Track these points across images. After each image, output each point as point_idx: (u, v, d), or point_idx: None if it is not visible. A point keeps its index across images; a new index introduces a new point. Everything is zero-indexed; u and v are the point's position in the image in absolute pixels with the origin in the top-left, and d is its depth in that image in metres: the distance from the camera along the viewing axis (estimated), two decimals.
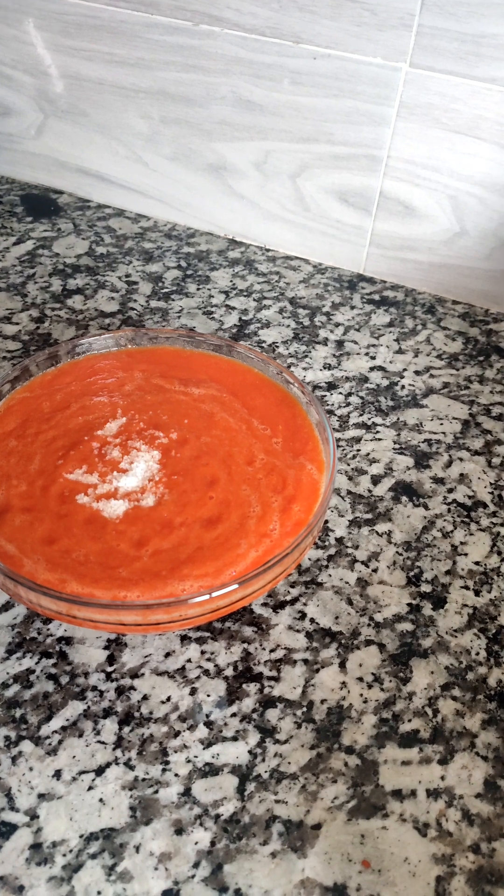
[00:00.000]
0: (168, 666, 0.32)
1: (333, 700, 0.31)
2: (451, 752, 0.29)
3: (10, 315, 0.51)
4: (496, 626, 0.34)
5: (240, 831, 0.27)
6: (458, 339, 0.53)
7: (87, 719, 0.30)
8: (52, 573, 0.30)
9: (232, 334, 0.51)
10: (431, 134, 0.50)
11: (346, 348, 0.51)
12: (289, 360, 0.49)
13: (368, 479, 0.41)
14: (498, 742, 0.30)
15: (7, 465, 0.34)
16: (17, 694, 0.30)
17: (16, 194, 0.66)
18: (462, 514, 0.40)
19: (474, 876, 0.26)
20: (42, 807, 0.27)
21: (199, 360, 0.41)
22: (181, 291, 0.55)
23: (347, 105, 0.51)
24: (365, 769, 0.29)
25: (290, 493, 0.34)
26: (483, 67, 0.46)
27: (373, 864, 0.26)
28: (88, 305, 0.53)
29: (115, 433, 0.36)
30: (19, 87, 0.62)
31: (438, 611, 0.35)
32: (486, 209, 0.52)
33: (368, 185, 0.54)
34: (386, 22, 0.47)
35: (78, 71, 0.59)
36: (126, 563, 0.30)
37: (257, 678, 0.31)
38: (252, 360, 0.41)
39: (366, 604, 0.35)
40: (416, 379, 0.49)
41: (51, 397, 0.38)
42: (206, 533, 0.32)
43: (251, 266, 0.59)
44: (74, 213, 0.64)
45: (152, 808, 0.27)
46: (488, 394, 0.48)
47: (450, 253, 0.55)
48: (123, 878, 0.25)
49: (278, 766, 0.29)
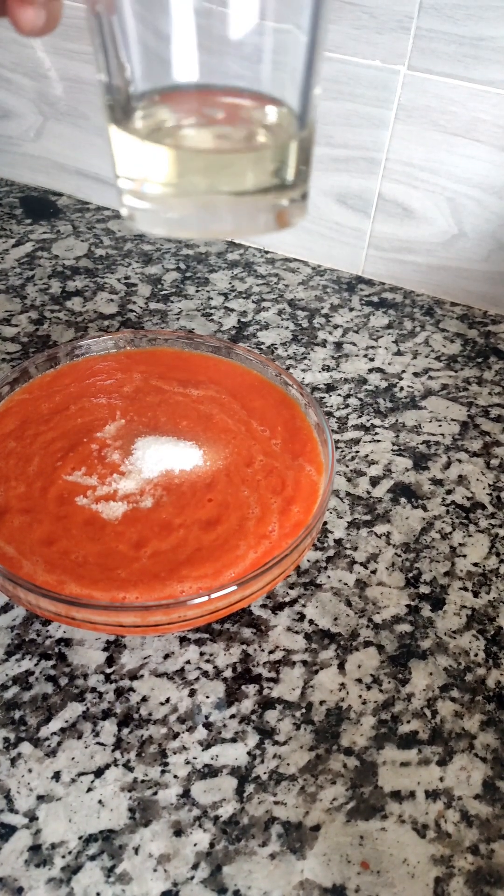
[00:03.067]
0: (167, 667, 0.32)
1: (332, 701, 0.31)
2: (449, 753, 0.29)
3: (10, 317, 0.51)
4: (495, 628, 0.34)
5: (239, 833, 0.27)
6: (457, 341, 0.53)
7: (86, 721, 0.30)
8: (50, 574, 0.30)
9: (231, 336, 0.51)
10: (429, 136, 0.50)
11: (345, 350, 0.51)
12: (287, 362, 0.49)
13: (367, 481, 0.41)
14: (497, 743, 0.30)
15: (6, 467, 0.34)
16: (17, 695, 0.30)
17: (15, 196, 0.67)
18: (461, 515, 0.40)
19: (473, 877, 0.26)
20: (41, 808, 0.27)
21: (198, 362, 0.41)
22: (180, 293, 0.55)
23: (346, 108, 0.51)
24: (364, 770, 0.29)
25: (288, 494, 0.34)
26: (481, 70, 0.47)
27: (372, 866, 0.26)
28: (87, 307, 0.53)
29: (113, 435, 0.36)
30: (19, 90, 0.62)
31: (437, 612, 0.35)
32: (483, 211, 0.52)
33: (367, 187, 0.54)
34: (384, 25, 0.47)
35: (77, 74, 0.59)
36: (125, 565, 0.30)
37: (256, 679, 0.31)
38: (251, 362, 0.41)
39: (365, 605, 0.35)
40: (415, 381, 0.49)
41: (50, 399, 0.38)
42: (205, 534, 0.32)
43: (250, 268, 0.59)
44: (74, 215, 0.64)
45: (151, 809, 0.27)
46: (487, 395, 0.48)
47: (448, 255, 0.55)
48: (122, 880, 0.25)
49: (277, 767, 0.29)
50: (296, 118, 0.22)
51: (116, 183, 0.23)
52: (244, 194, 0.22)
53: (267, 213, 0.23)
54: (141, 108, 0.21)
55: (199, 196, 0.22)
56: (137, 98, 0.21)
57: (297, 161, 0.23)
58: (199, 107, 0.22)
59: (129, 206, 0.23)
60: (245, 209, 0.23)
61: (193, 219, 0.23)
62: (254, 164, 0.22)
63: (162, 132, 0.22)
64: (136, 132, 0.21)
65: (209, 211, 0.22)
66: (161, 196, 0.22)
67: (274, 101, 0.22)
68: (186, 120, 0.22)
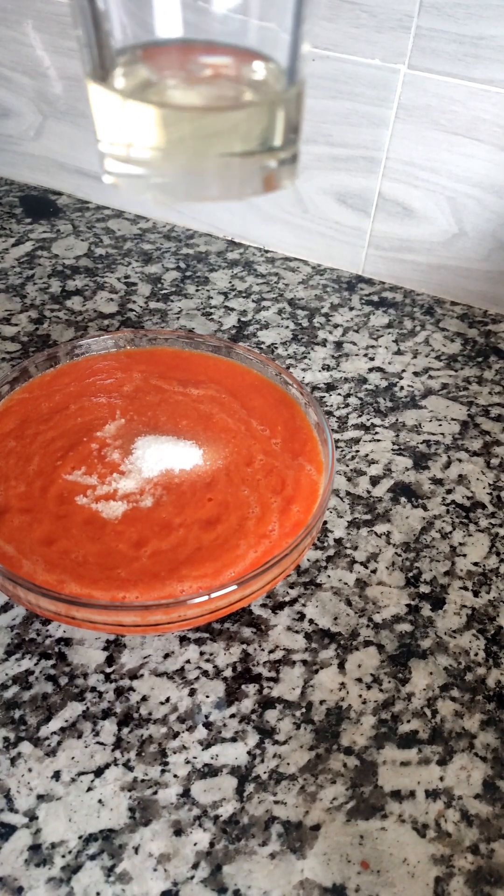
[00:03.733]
0: (167, 667, 0.32)
1: (332, 701, 0.31)
2: (449, 752, 0.29)
3: (10, 316, 0.51)
4: (495, 627, 0.34)
5: (239, 832, 0.27)
6: (457, 341, 0.53)
7: (86, 720, 0.30)
8: (50, 574, 0.30)
9: (231, 335, 0.51)
10: (430, 135, 0.50)
11: (345, 349, 0.51)
12: (287, 362, 0.49)
13: (367, 480, 0.41)
14: (497, 743, 0.30)
15: (6, 466, 0.34)
16: (17, 695, 0.30)
17: (15, 195, 0.67)
18: (461, 515, 0.40)
19: (473, 877, 0.26)
20: (41, 808, 0.27)
21: (197, 362, 0.41)
22: (180, 292, 0.55)
23: (346, 107, 0.51)
24: (364, 770, 0.29)
25: (288, 493, 0.34)
26: (481, 69, 0.47)
27: (372, 865, 0.26)
28: (87, 306, 0.53)
29: (113, 434, 0.36)
30: (18, 89, 0.62)
31: (437, 612, 0.35)
32: (484, 210, 0.52)
33: (367, 186, 0.54)
34: (384, 24, 0.47)
35: (77, 72, 0.59)
36: (125, 564, 0.30)
37: (256, 679, 0.31)
38: (251, 362, 0.41)
39: (365, 605, 0.35)
40: (415, 380, 0.49)
41: (50, 398, 0.38)
42: (205, 534, 0.32)
43: (250, 267, 0.59)
44: (73, 215, 0.64)
45: (151, 809, 0.27)
46: (487, 395, 0.48)
47: (448, 254, 0.55)
48: (122, 879, 0.25)
49: (277, 766, 0.29)
50: (284, 74, 0.21)
51: (98, 147, 0.22)
52: (233, 156, 0.21)
53: (255, 176, 0.22)
54: (122, 66, 0.20)
55: (185, 158, 0.21)
56: (118, 54, 0.20)
57: (286, 120, 0.22)
58: (183, 63, 0.21)
59: (112, 171, 0.22)
60: (233, 172, 0.22)
61: (180, 183, 0.22)
62: (242, 123, 0.21)
63: (145, 91, 0.21)
64: (118, 91, 0.20)
65: (196, 174, 0.21)
66: (145, 160, 0.21)
67: (261, 56, 0.21)
68: (170, 78, 0.21)
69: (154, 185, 0.22)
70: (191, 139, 0.21)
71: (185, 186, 0.22)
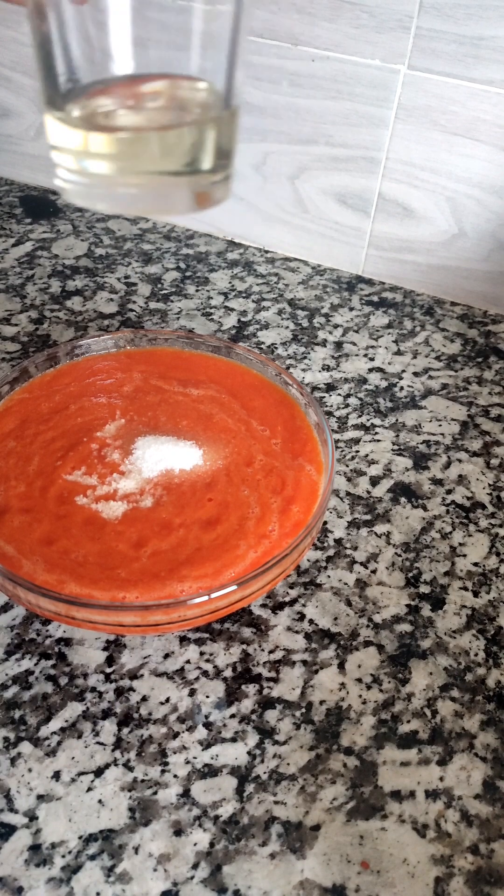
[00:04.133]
0: (167, 667, 0.32)
1: (332, 701, 0.31)
2: (449, 753, 0.29)
3: (10, 316, 0.51)
4: (495, 627, 0.34)
5: (239, 832, 0.27)
6: (457, 341, 0.53)
7: (86, 720, 0.30)
8: (50, 574, 0.30)
9: (231, 335, 0.51)
10: (429, 136, 0.50)
11: (345, 350, 0.51)
12: (287, 362, 0.49)
13: (367, 481, 0.41)
14: (497, 743, 0.30)
15: (6, 466, 0.34)
16: (17, 695, 0.30)
17: (15, 195, 0.67)
18: (461, 515, 0.40)
19: (473, 877, 0.26)
20: (41, 808, 0.27)
21: (198, 362, 0.41)
22: (180, 293, 0.55)
23: (346, 107, 0.51)
24: (364, 770, 0.29)
25: (288, 494, 0.34)
26: (481, 69, 0.47)
27: (372, 865, 0.26)
28: (87, 307, 0.53)
29: (113, 434, 0.36)
30: (18, 89, 0.62)
31: (437, 612, 0.35)
32: (484, 211, 0.52)
33: (367, 186, 0.54)
34: (384, 24, 0.47)
35: None
36: (125, 564, 0.30)
37: (256, 679, 0.31)
38: (251, 362, 0.41)
39: (365, 605, 0.35)
40: (415, 380, 0.49)
41: (50, 398, 0.38)
42: (205, 534, 0.32)
43: (250, 267, 0.59)
44: (73, 215, 0.64)
45: (151, 809, 0.27)
46: (487, 395, 0.48)
47: (448, 254, 0.55)
48: (122, 880, 0.25)
49: (277, 767, 0.29)
50: (220, 99, 0.23)
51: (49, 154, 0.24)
52: (162, 174, 0.24)
53: (187, 194, 0.24)
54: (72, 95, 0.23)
55: (120, 175, 0.24)
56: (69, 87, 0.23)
57: (217, 144, 0.24)
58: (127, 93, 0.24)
59: (60, 178, 0.24)
60: (165, 189, 0.24)
61: (117, 196, 0.24)
62: (174, 144, 0.23)
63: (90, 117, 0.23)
64: (66, 120, 0.23)
65: (130, 189, 0.24)
66: (91, 174, 0.24)
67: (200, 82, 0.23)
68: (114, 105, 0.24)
69: (95, 195, 0.24)
70: (124, 159, 0.24)
71: (121, 199, 0.24)
